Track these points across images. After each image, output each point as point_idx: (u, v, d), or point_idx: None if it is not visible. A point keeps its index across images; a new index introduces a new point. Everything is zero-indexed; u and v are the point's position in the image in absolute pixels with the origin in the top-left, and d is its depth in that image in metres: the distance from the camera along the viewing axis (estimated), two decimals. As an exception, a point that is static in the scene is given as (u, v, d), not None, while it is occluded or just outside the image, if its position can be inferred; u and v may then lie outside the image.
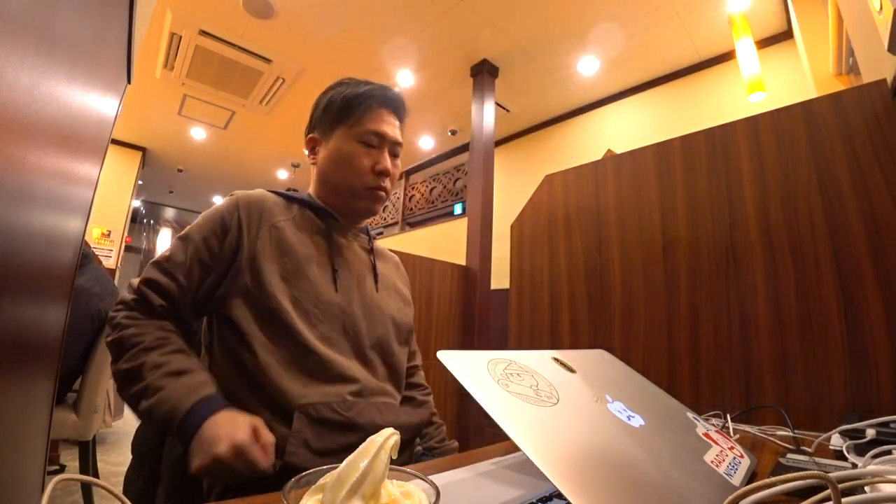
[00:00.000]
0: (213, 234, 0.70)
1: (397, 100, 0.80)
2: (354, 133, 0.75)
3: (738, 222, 1.01)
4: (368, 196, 0.76)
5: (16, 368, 0.28)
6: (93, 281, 1.46)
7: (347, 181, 0.76)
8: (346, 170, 0.76)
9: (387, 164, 0.76)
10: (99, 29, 0.41)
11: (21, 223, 0.24)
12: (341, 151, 0.76)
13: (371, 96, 0.76)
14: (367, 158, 0.75)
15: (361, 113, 0.75)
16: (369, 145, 0.75)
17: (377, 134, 0.75)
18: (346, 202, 0.78)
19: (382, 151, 0.76)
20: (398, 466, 0.27)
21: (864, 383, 0.80)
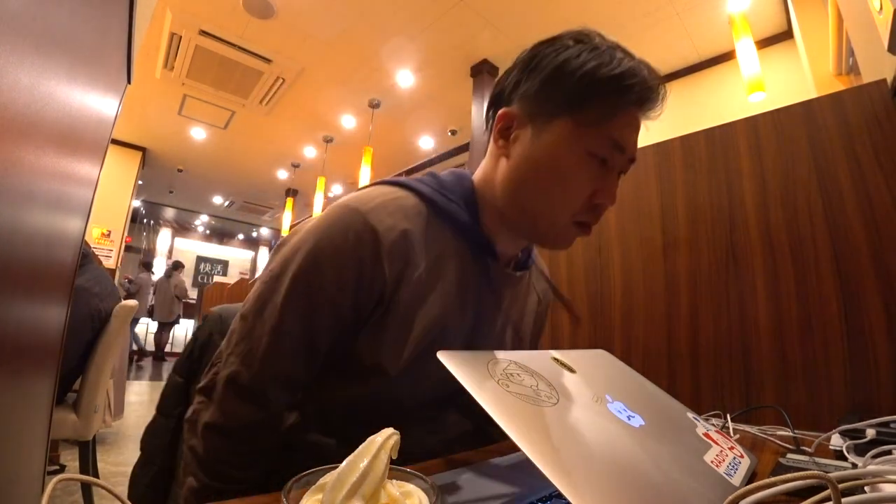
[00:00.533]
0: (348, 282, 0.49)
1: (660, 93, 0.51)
2: (588, 138, 0.49)
3: (738, 222, 1.01)
4: (571, 233, 0.53)
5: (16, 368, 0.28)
6: (93, 281, 1.46)
7: (552, 206, 0.52)
8: (558, 190, 0.51)
9: (613, 193, 0.53)
10: (99, 29, 0.41)
11: (21, 223, 0.24)
12: (560, 161, 0.50)
13: (635, 86, 0.48)
14: (590, 181, 0.51)
15: (613, 109, 0.49)
16: (602, 160, 0.50)
17: (621, 147, 0.50)
18: (535, 230, 0.54)
19: (613, 172, 0.52)
20: (398, 466, 0.27)
21: (864, 383, 0.80)
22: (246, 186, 7.62)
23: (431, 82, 4.14)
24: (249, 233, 12.00)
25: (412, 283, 0.50)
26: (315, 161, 6.09)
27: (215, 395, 0.49)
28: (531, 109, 0.52)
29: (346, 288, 0.48)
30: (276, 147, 5.89)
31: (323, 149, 5.66)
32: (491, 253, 0.56)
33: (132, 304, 1.52)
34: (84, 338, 1.42)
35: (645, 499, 0.30)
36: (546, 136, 0.51)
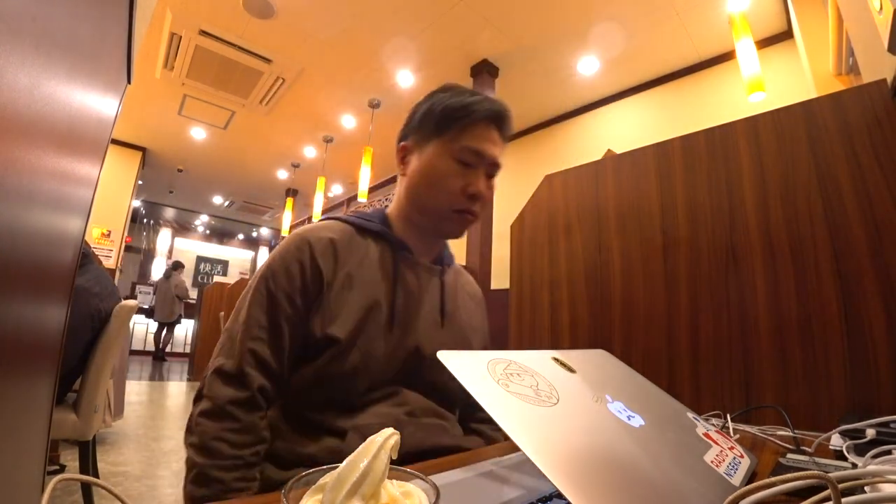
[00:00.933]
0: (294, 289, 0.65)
1: (504, 114, 0.71)
2: (451, 149, 0.69)
3: (738, 222, 1.01)
4: (456, 220, 0.71)
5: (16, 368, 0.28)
6: (93, 281, 1.46)
7: (436, 202, 0.70)
8: (437, 190, 0.69)
9: (481, 186, 0.69)
10: (99, 29, 0.41)
11: (21, 223, 0.24)
12: (434, 168, 0.69)
13: (476, 109, 0.69)
14: (461, 179, 0.68)
15: (462, 127, 0.69)
16: (466, 164, 0.69)
17: (476, 152, 0.68)
18: (431, 222, 0.73)
19: (479, 172, 0.69)
20: (398, 466, 0.27)
21: (864, 383, 0.80)
22: (246, 186, 7.62)
23: (431, 82, 4.13)
24: (249, 233, 12.01)
25: (343, 274, 0.66)
26: (315, 161, 6.09)
27: (204, 391, 0.60)
28: (416, 139, 0.73)
29: (295, 281, 0.64)
30: (276, 147, 5.89)
31: (323, 149, 5.66)
32: (405, 248, 0.73)
33: (132, 304, 1.52)
34: (84, 338, 1.42)
35: (645, 499, 0.30)
36: (425, 154, 0.71)
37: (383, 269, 0.70)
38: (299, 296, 0.64)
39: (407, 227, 0.75)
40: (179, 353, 7.76)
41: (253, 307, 0.63)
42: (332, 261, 0.67)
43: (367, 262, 0.69)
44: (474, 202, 0.69)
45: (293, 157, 6.20)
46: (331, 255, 0.67)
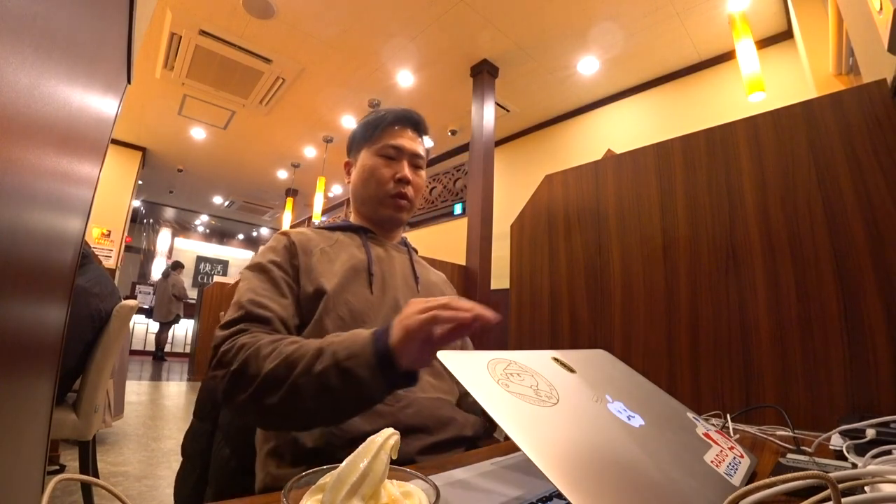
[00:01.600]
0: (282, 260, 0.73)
1: (412, 116, 0.87)
2: (375, 149, 0.84)
3: (738, 222, 1.01)
4: (391, 204, 0.83)
5: (16, 368, 0.28)
6: (93, 281, 1.46)
7: (372, 192, 0.83)
8: (370, 182, 0.83)
9: (405, 172, 0.82)
10: (99, 29, 0.41)
11: (21, 223, 0.24)
12: (365, 167, 0.84)
13: (386, 116, 0.85)
14: (388, 169, 0.82)
15: (381, 131, 0.84)
16: (389, 158, 0.83)
17: (394, 147, 0.83)
18: (374, 211, 0.85)
19: (401, 162, 0.83)
20: (398, 466, 0.27)
21: (864, 383, 0.80)
22: (246, 186, 7.62)
23: (431, 82, 4.14)
24: (249, 233, 12.00)
25: (319, 250, 0.76)
26: (315, 161, 6.09)
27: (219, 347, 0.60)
28: (353, 154, 0.89)
29: (280, 255, 0.73)
30: (276, 147, 5.89)
31: (323, 149, 5.66)
32: (369, 231, 0.85)
33: (132, 303, 1.52)
34: (84, 338, 1.42)
35: (645, 499, 0.30)
36: (359, 161, 0.86)
37: (355, 246, 0.81)
38: (287, 264, 0.72)
39: (361, 220, 0.88)
40: (179, 353, 7.76)
41: (248, 282, 0.69)
42: (307, 243, 0.76)
43: (338, 244, 0.80)
44: (403, 186, 0.82)
45: (293, 157, 6.20)
46: (306, 240, 0.77)
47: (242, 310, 0.63)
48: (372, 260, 0.79)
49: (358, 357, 0.50)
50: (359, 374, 0.50)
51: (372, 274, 0.77)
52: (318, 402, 0.51)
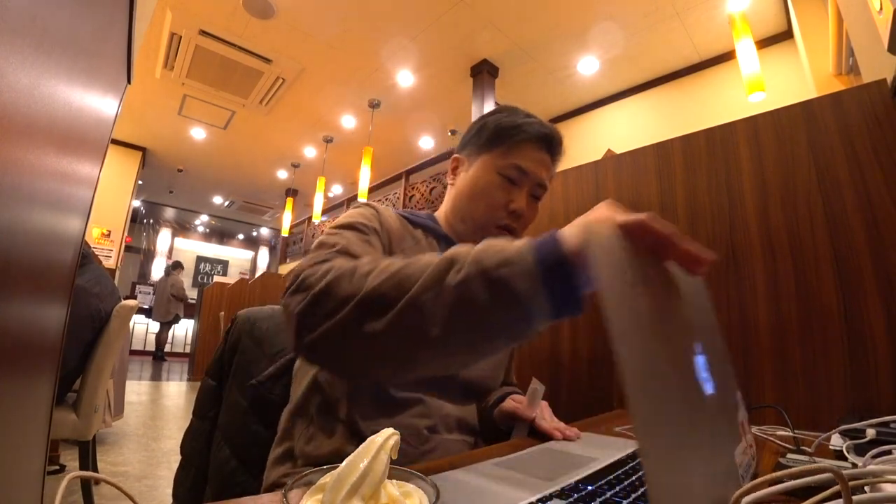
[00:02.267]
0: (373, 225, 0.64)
1: (554, 138, 0.72)
2: (498, 164, 0.70)
3: (738, 222, 1.01)
4: (494, 234, 0.69)
5: (16, 368, 0.28)
6: (93, 281, 1.46)
7: (476, 213, 0.71)
8: (478, 201, 0.71)
9: (522, 203, 0.69)
10: (99, 29, 0.41)
11: (21, 223, 0.24)
12: (479, 180, 0.71)
13: (525, 130, 0.70)
14: (504, 194, 0.69)
15: (511, 144, 0.70)
16: (510, 180, 0.69)
17: (521, 169, 0.69)
18: (469, 232, 0.72)
19: (522, 190, 0.70)
20: (398, 466, 0.27)
21: (864, 383, 0.80)
22: (246, 186, 7.62)
23: (431, 82, 4.14)
24: (249, 233, 12.00)
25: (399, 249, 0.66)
26: (315, 161, 6.09)
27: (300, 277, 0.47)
28: (468, 152, 0.75)
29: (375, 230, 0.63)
30: (276, 147, 5.89)
31: (323, 149, 5.66)
32: (452, 243, 0.73)
33: (132, 303, 1.52)
34: (84, 338, 1.42)
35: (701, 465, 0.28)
36: (474, 168, 0.73)
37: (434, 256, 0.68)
38: (377, 232, 0.63)
39: (450, 231, 0.75)
40: (179, 353, 7.76)
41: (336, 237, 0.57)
42: (392, 231, 0.67)
43: (417, 248, 0.69)
44: (515, 219, 0.70)
45: (293, 157, 6.20)
46: (391, 226, 0.67)
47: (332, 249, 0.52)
48: None
49: (514, 265, 0.36)
50: (515, 287, 0.36)
51: None
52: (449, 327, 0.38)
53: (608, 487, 0.41)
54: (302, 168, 6.44)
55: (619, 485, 0.42)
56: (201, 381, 0.78)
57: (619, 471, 0.47)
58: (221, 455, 0.70)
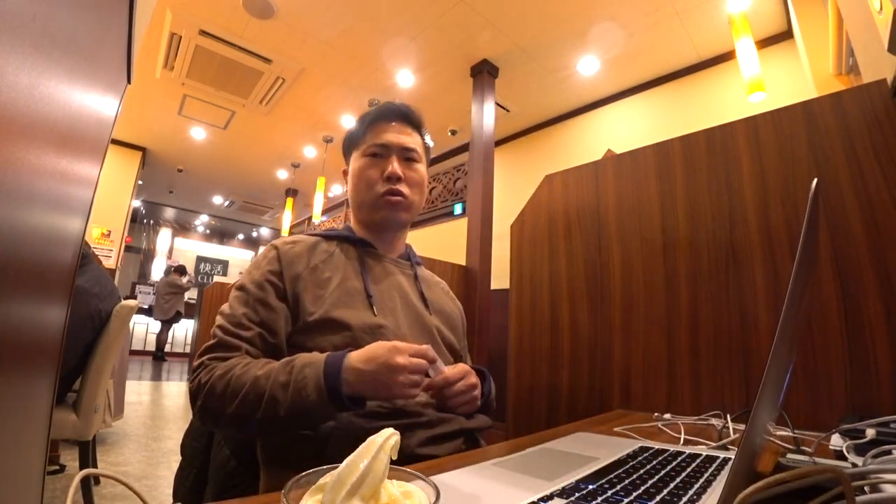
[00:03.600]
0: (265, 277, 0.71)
1: (396, 108, 0.81)
2: (362, 151, 0.80)
3: (738, 222, 1.01)
4: (384, 204, 0.78)
5: (16, 368, 0.28)
6: (92, 281, 1.46)
7: (363, 195, 0.79)
8: (360, 185, 0.79)
9: (394, 168, 0.77)
10: (99, 29, 0.41)
11: (21, 223, 0.24)
12: (354, 170, 0.81)
13: (368, 115, 0.81)
14: (375, 169, 0.78)
15: (364, 132, 0.80)
16: (376, 156, 0.79)
17: (379, 144, 0.78)
18: (370, 217, 0.81)
19: (389, 159, 0.78)
20: (398, 466, 0.27)
21: (864, 383, 0.80)
22: (246, 186, 7.61)
23: (431, 82, 4.14)
24: (249, 233, 12.00)
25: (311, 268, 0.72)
26: (315, 161, 6.08)
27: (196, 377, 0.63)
28: (346, 161, 0.86)
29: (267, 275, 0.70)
30: (276, 147, 5.89)
31: (323, 149, 5.66)
32: (367, 244, 0.80)
33: (132, 303, 1.52)
34: (84, 338, 1.42)
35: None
36: (351, 165, 0.83)
37: (349, 262, 0.77)
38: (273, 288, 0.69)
39: (361, 229, 0.83)
40: (179, 353, 7.75)
41: (228, 304, 0.69)
42: (299, 259, 0.73)
43: (332, 259, 0.76)
44: (393, 182, 0.77)
45: (293, 157, 6.20)
46: (297, 255, 0.73)
47: (215, 338, 0.65)
48: (367, 279, 0.75)
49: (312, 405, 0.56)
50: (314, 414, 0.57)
51: (371, 295, 0.73)
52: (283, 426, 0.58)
53: (608, 487, 0.41)
54: (302, 168, 6.44)
55: (620, 484, 0.42)
56: None
57: (620, 470, 0.47)
58: (221, 455, 0.70)
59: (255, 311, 0.67)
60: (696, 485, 0.42)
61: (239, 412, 0.57)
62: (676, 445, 0.61)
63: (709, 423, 0.82)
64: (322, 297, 0.69)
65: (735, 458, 0.26)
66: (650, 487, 0.41)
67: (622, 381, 1.10)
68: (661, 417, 0.87)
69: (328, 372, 0.56)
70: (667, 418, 0.86)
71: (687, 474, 0.46)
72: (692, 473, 0.46)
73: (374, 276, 0.77)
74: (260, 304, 0.67)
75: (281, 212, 7.47)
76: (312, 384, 0.55)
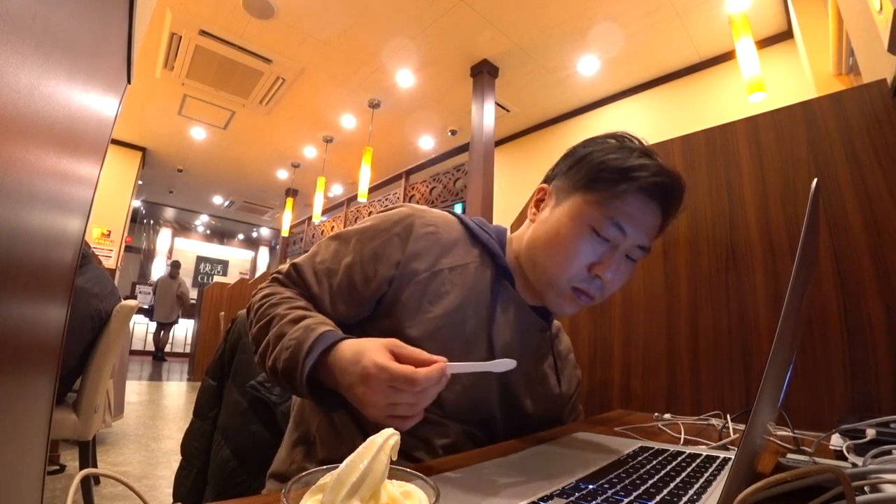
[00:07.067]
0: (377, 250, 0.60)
1: (674, 190, 0.57)
2: (592, 214, 0.56)
3: (738, 222, 1.01)
4: (568, 297, 0.59)
5: (16, 368, 0.28)
6: (92, 281, 1.46)
7: (552, 267, 0.58)
8: (557, 253, 0.58)
9: (609, 267, 0.56)
10: (99, 29, 0.41)
11: (21, 223, 0.24)
12: (564, 227, 0.58)
13: (636, 177, 0.55)
14: (590, 252, 0.56)
15: (615, 194, 0.56)
16: (603, 238, 0.56)
17: (620, 227, 0.55)
18: (539, 286, 0.62)
19: (615, 251, 0.57)
20: (398, 466, 0.27)
21: (864, 383, 0.80)
22: (246, 186, 7.61)
23: (431, 82, 4.14)
24: (249, 233, 12.01)
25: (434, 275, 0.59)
26: (315, 161, 6.09)
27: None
28: (558, 186, 0.63)
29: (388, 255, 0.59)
30: (276, 147, 5.89)
31: (323, 149, 5.66)
32: (509, 278, 0.64)
33: (132, 303, 1.52)
34: (84, 338, 1.42)
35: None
36: (561, 209, 0.60)
37: (479, 287, 0.61)
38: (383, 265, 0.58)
39: (515, 264, 0.65)
40: (179, 353, 7.75)
41: (325, 250, 0.60)
42: (430, 250, 0.60)
43: (464, 271, 0.61)
44: (594, 284, 0.58)
45: (293, 157, 6.20)
46: (430, 245, 0.60)
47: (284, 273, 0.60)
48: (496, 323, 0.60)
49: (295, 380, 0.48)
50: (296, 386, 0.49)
51: (493, 346, 0.60)
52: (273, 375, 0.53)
53: (608, 487, 0.41)
54: (302, 168, 6.44)
55: (620, 484, 0.42)
56: (201, 381, 0.78)
57: (620, 470, 0.47)
58: (221, 455, 0.70)
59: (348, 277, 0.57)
60: (696, 485, 0.42)
61: (254, 339, 0.55)
62: (676, 445, 0.61)
63: (709, 423, 0.82)
64: (427, 313, 0.56)
65: (735, 458, 0.26)
66: (650, 487, 0.41)
67: (622, 381, 1.10)
68: (661, 417, 0.87)
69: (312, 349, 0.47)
70: (667, 418, 0.86)
71: (687, 474, 0.46)
72: (692, 473, 0.46)
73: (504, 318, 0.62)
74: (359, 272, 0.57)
75: (281, 212, 7.47)
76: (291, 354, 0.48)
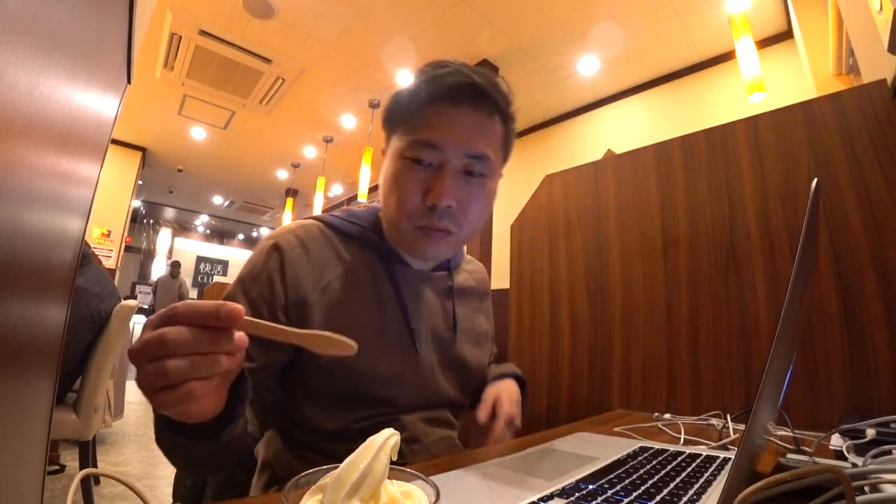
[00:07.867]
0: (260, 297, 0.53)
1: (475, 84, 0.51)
2: (403, 143, 0.52)
3: (738, 222, 1.01)
4: (419, 238, 0.54)
5: (16, 368, 0.28)
6: (92, 281, 1.46)
7: (393, 213, 0.54)
8: (388, 198, 0.54)
9: (440, 191, 0.50)
10: (99, 29, 0.41)
11: (21, 223, 0.24)
12: (387, 172, 0.55)
13: (422, 89, 0.51)
14: (414, 183, 0.52)
15: (412, 113, 0.52)
16: (418, 162, 0.51)
17: (427, 143, 0.50)
18: (401, 243, 0.58)
19: (441, 172, 0.51)
20: (398, 466, 0.27)
21: (864, 383, 0.80)
22: (246, 186, 7.61)
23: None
24: (249, 233, 12.00)
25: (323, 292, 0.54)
26: (315, 161, 6.08)
27: None
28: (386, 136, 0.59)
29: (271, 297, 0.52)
30: (276, 147, 5.89)
31: (323, 149, 5.66)
32: (398, 260, 0.60)
33: (132, 304, 1.52)
34: (84, 338, 1.42)
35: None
36: (387, 157, 0.57)
37: (374, 284, 0.58)
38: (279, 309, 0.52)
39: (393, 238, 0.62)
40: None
41: None
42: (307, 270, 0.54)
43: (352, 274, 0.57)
44: (439, 216, 0.52)
45: (293, 157, 6.20)
46: (303, 267, 0.54)
47: None
48: (408, 307, 0.57)
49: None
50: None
51: (413, 329, 0.57)
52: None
53: (608, 487, 0.41)
54: (302, 168, 6.44)
55: (620, 484, 0.42)
56: None
57: (620, 470, 0.47)
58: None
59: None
60: (696, 485, 0.42)
61: None
62: (676, 445, 0.61)
63: (709, 423, 0.82)
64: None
65: (735, 458, 0.26)
66: (650, 487, 0.41)
67: (622, 381, 1.10)
68: (661, 417, 0.87)
69: None
70: (667, 418, 0.86)
71: (687, 474, 0.46)
72: (692, 473, 0.46)
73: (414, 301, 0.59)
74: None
75: (281, 212, 7.46)
76: None
